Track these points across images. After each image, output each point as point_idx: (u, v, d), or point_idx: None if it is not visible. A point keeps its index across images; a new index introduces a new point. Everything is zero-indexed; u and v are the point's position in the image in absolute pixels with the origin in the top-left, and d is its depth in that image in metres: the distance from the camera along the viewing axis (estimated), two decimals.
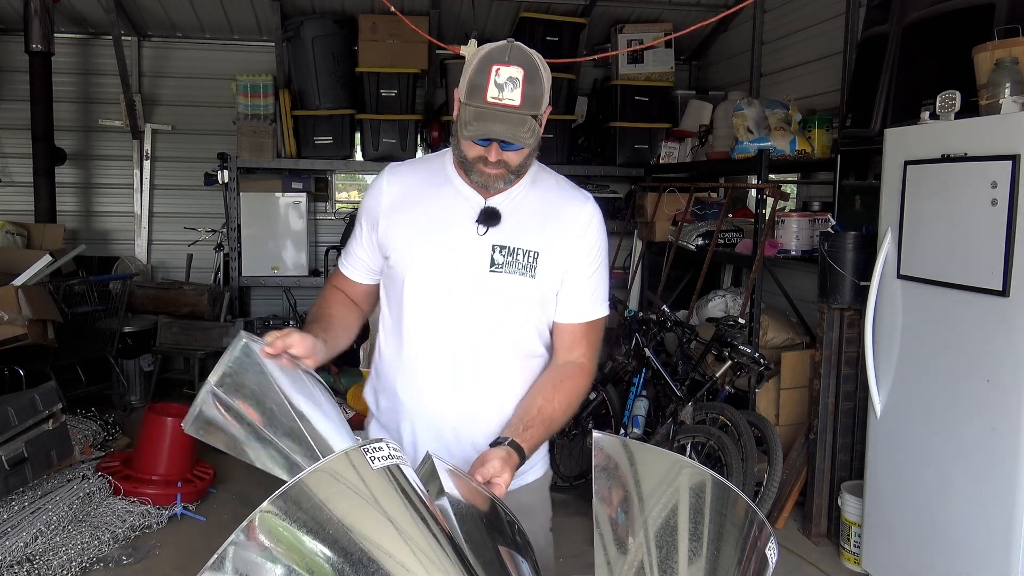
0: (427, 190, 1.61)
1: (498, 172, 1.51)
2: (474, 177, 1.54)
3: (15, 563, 3.04)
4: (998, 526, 2.57)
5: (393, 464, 1.08)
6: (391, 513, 1.03)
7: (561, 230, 1.59)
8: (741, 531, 1.22)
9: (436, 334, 1.58)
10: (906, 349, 2.98)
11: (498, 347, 1.59)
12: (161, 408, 3.96)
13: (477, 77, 1.43)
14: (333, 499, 1.00)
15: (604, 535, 1.21)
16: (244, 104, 5.82)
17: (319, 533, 0.97)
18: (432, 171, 1.64)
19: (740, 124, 4.58)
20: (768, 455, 3.48)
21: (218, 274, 6.14)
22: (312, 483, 1.00)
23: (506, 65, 1.41)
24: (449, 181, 1.61)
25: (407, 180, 1.64)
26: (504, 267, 1.55)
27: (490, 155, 1.48)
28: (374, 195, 1.65)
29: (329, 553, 0.97)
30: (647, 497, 1.29)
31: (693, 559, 1.16)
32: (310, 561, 0.96)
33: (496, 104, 1.41)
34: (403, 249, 1.59)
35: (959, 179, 2.69)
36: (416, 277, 1.58)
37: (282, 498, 0.97)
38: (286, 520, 0.97)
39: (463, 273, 1.56)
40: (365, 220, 1.67)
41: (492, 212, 1.56)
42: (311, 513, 0.98)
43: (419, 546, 1.02)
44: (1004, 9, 2.94)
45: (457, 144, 1.53)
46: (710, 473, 1.26)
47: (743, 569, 1.16)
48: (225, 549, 0.92)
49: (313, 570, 0.96)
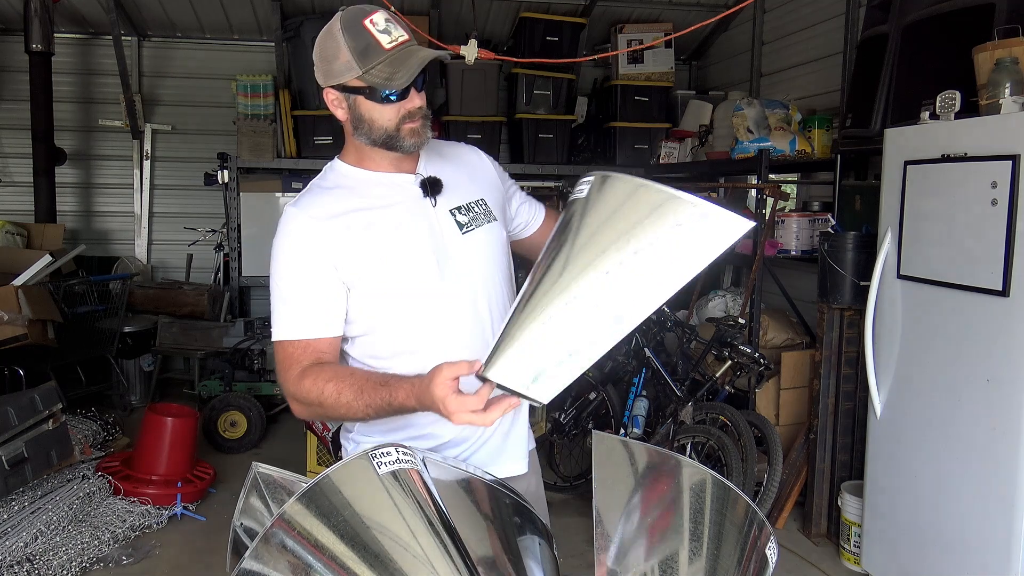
0: (355, 201, 1.49)
1: (421, 123, 1.47)
2: (403, 144, 1.46)
3: (15, 563, 3.05)
4: (998, 526, 2.57)
5: (401, 468, 1.08)
6: (398, 517, 1.03)
7: (476, 170, 1.64)
8: (741, 531, 1.22)
9: (447, 321, 1.50)
10: (906, 349, 2.98)
11: (503, 298, 1.58)
12: (161, 408, 3.96)
13: (359, 40, 1.38)
14: (339, 507, 1.00)
15: (604, 535, 1.21)
16: (244, 104, 5.82)
17: (326, 540, 0.98)
18: (339, 186, 1.53)
19: (740, 124, 4.57)
20: (768, 455, 3.48)
21: (218, 274, 6.14)
22: (319, 492, 1.00)
23: (372, 13, 1.41)
24: (368, 180, 1.52)
25: (325, 205, 1.49)
26: (472, 223, 1.54)
27: (415, 101, 1.45)
28: (302, 235, 1.46)
29: (336, 558, 0.97)
30: (647, 497, 1.29)
31: (693, 559, 1.16)
32: (317, 566, 0.97)
33: (397, 45, 1.40)
34: (374, 266, 1.46)
35: (959, 179, 2.69)
36: (402, 282, 1.47)
37: (298, 502, 0.97)
38: (296, 530, 0.97)
39: (441, 250, 1.49)
40: (307, 263, 1.45)
41: (434, 180, 1.53)
42: (319, 520, 0.98)
43: (424, 550, 1.02)
44: (1004, 9, 2.93)
45: (371, 128, 1.46)
46: (710, 473, 1.26)
47: (743, 569, 1.16)
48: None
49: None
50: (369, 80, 1.41)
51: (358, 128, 1.48)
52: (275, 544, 0.97)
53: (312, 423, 3.99)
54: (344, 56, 1.40)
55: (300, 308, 1.46)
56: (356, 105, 1.46)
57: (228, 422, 4.67)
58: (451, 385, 1.17)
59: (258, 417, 4.69)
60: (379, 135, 1.47)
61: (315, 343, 1.45)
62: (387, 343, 1.51)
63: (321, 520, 0.99)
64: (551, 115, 5.96)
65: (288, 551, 0.97)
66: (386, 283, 1.47)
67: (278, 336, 1.47)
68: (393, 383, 1.29)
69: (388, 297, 1.48)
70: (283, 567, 0.96)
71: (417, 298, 1.49)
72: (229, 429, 4.67)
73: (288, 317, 1.47)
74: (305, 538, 0.98)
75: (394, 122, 1.45)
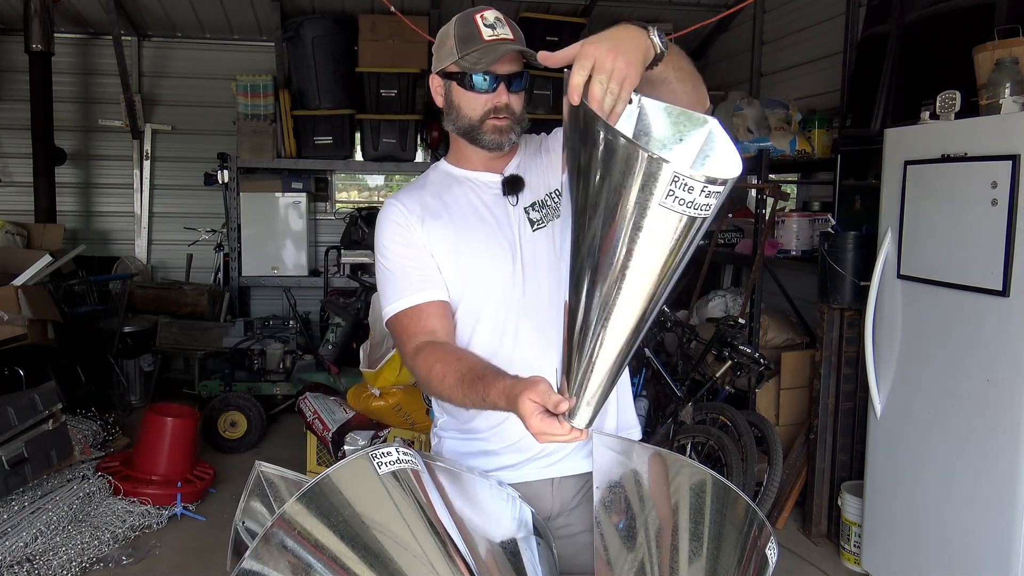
0: (444, 195, 1.56)
1: (507, 123, 1.50)
2: (487, 139, 1.51)
3: (15, 563, 3.05)
4: (998, 526, 2.57)
5: (402, 468, 1.08)
6: (398, 516, 1.03)
7: (549, 154, 1.62)
8: (741, 531, 1.22)
9: (518, 314, 1.51)
10: (906, 349, 2.98)
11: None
12: (161, 408, 3.96)
13: (464, 30, 1.46)
14: (339, 507, 1.00)
15: (604, 535, 1.21)
16: (244, 104, 5.82)
17: (327, 540, 0.98)
18: (435, 182, 1.60)
19: (740, 124, 4.57)
20: (768, 455, 3.48)
21: (218, 274, 6.14)
22: (320, 492, 1.00)
23: (486, 10, 1.47)
24: (460, 178, 1.59)
25: (418, 198, 1.56)
26: (543, 220, 1.54)
27: (500, 98, 1.48)
28: (396, 220, 1.54)
29: (336, 558, 0.97)
30: (647, 497, 1.30)
31: (693, 559, 1.16)
32: (317, 565, 0.97)
33: (495, 40, 1.44)
34: (454, 252, 1.51)
35: (959, 179, 2.69)
36: (481, 270, 1.51)
37: (298, 502, 0.97)
38: (296, 530, 0.97)
39: (517, 247, 1.52)
40: (404, 240, 1.52)
41: (514, 179, 1.55)
42: (319, 520, 0.98)
43: (424, 550, 1.02)
44: (1004, 9, 2.94)
45: (458, 116, 1.51)
46: (710, 473, 1.27)
47: (743, 569, 1.16)
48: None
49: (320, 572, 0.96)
50: (461, 65, 1.46)
51: (448, 115, 1.54)
52: (275, 544, 0.97)
53: (312, 423, 3.99)
54: (449, 43, 1.48)
55: (403, 279, 1.51)
56: (450, 91, 1.52)
57: (228, 422, 4.67)
58: (537, 408, 1.16)
59: (258, 417, 4.69)
60: (463, 124, 1.52)
61: (423, 308, 1.48)
62: (463, 336, 1.54)
63: (321, 520, 0.99)
64: (551, 115, 5.94)
65: (288, 551, 0.97)
66: (462, 281, 1.51)
67: (389, 312, 1.52)
68: (489, 380, 1.28)
69: (464, 293, 1.52)
70: (283, 567, 0.97)
71: (492, 297, 1.52)
72: (229, 429, 4.67)
73: (394, 290, 1.52)
74: (305, 538, 0.98)
75: (479, 113, 1.49)
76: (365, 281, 5.02)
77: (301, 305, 6.11)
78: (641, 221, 0.98)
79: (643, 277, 1.03)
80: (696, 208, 0.97)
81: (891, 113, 3.43)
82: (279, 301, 6.34)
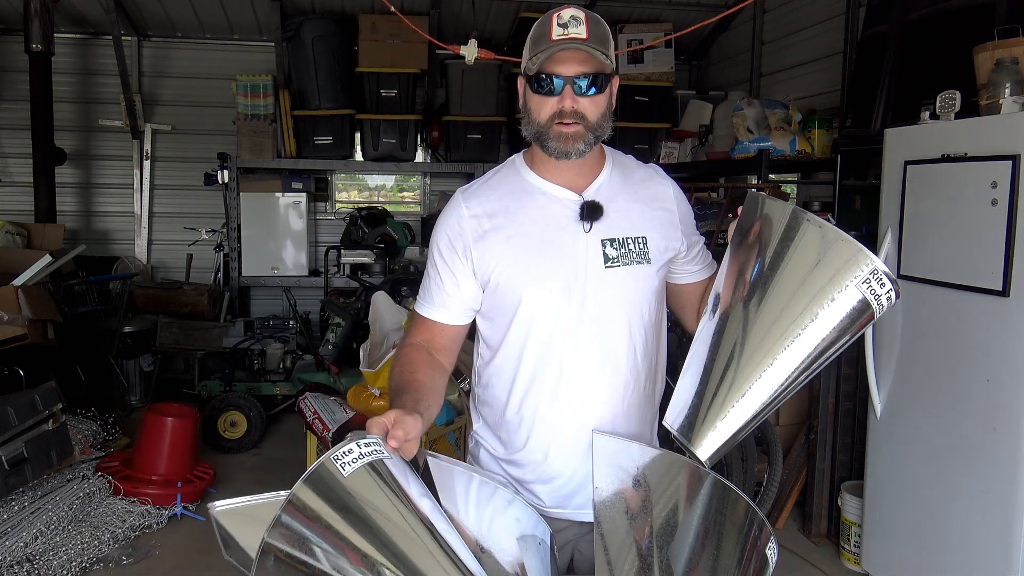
0: (513, 204, 1.49)
1: (575, 130, 1.40)
2: (552, 146, 1.42)
3: (15, 563, 3.04)
4: (998, 526, 2.57)
5: (367, 463, 1.05)
6: (375, 513, 1.01)
7: (655, 203, 1.54)
8: (741, 531, 1.22)
9: (568, 346, 1.47)
10: (906, 349, 2.98)
11: (632, 343, 1.50)
12: (161, 408, 3.95)
13: (539, 28, 1.41)
14: (317, 519, 0.98)
15: (604, 535, 1.21)
16: (244, 104, 5.83)
17: (314, 555, 0.97)
18: (508, 183, 1.53)
19: (740, 124, 4.57)
20: (768, 455, 3.48)
21: (218, 274, 6.14)
22: (291, 515, 0.98)
23: (566, 8, 1.40)
24: (534, 187, 1.50)
25: (486, 201, 1.50)
26: (619, 260, 1.46)
27: (564, 102, 1.39)
28: (453, 224, 1.50)
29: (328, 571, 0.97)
30: (648, 497, 1.30)
31: (693, 559, 1.16)
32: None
33: (562, 39, 1.37)
34: (509, 270, 1.46)
35: (959, 179, 2.69)
36: (534, 294, 1.45)
37: (274, 530, 0.97)
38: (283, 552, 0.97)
39: (580, 277, 1.45)
40: (448, 253, 1.50)
41: (594, 206, 1.46)
42: (303, 536, 0.97)
43: (406, 539, 1.01)
44: (1004, 9, 2.94)
45: (529, 118, 1.45)
46: (710, 473, 1.27)
47: (743, 569, 1.16)
48: None
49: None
50: (526, 65, 1.43)
51: (523, 118, 1.49)
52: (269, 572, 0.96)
53: (312, 423, 3.99)
54: (529, 43, 1.44)
55: (434, 287, 1.54)
56: (525, 93, 1.47)
57: (228, 422, 4.67)
58: (381, 423, 1.18)
59: (258, 417, 4.69)
60: (532, 128, 1.46)
61: (433, 325, 1.54)
62: (492, 347, 1.55)
63: (303, 542, 0.97)
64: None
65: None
66: (509, 287, 1.47)
67: (416, 306, 1.59)
68: (397, 402, 1.35)
69: (502, 305, 1.50)
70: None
71: (540, 323, 1.47)
72: (229, 429, 4.67)
73: (423, 290, 1.57)
74: (294, 560, 0.97)
75: (546, 117, 1.42)
76: (365, 281, 5.02)
77: (301, 305, 6.12)
78: (836, 294, 1.18)
79: (811, 338, 1.20)
80: (877, 301, 1.19)
81: (891, 113, 3.43)
82: (279, 301, 6.34)
